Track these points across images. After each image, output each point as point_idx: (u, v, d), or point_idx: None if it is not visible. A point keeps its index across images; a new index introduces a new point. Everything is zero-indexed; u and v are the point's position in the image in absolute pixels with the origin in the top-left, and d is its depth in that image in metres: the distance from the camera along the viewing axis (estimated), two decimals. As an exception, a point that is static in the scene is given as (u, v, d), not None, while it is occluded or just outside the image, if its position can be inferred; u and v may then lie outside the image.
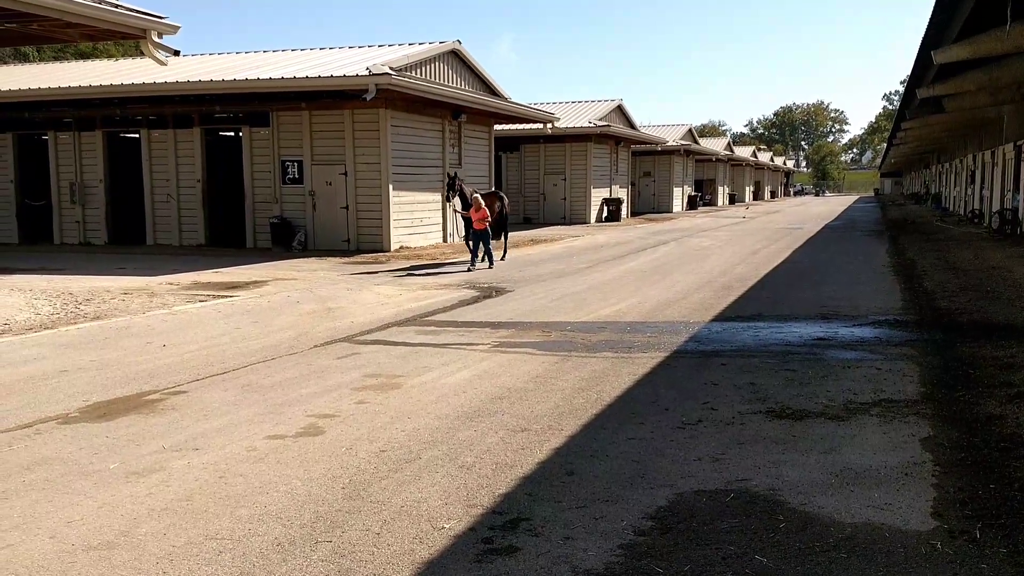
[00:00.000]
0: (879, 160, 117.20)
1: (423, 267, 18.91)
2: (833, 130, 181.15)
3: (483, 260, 18.98)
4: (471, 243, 19.02)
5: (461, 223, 20.80)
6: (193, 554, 4.29)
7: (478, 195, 18.83)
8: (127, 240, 25.03)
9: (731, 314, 12.00)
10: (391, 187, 22.61)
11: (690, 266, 19.11)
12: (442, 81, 25.20)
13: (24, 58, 46.79)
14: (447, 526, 4.63)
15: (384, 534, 4.53)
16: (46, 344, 10.05)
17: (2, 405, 7.20)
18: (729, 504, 4.94)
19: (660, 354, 9.20)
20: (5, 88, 24.26)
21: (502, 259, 20.22)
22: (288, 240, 23.03)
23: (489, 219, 18.73)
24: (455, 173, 19.64)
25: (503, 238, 21.00)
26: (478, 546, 4.38)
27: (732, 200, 76.29)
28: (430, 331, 10.80)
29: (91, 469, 5.58)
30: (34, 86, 24.31)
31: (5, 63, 41.35)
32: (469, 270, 18.15)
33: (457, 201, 19.74)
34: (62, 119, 24.87)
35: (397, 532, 4.56)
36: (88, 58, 37.03)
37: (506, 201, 21.24)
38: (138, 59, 27.78)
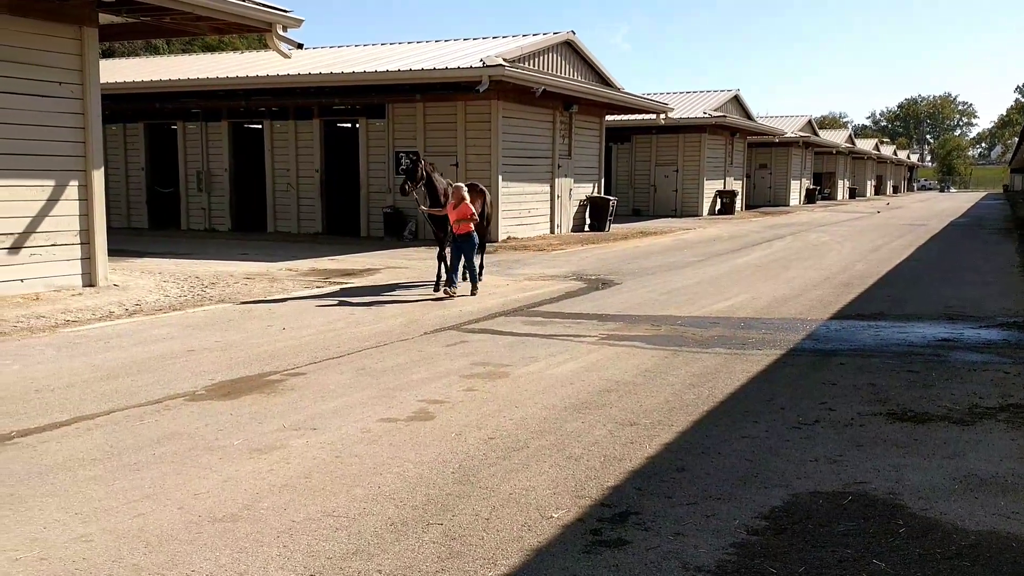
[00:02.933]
0: (1009, 155, 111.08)
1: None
2: (960, 123, 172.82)
3: (464, 281, 13.45)
4: (449, 255, 13.31)
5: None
6: (312, 530, 4.44)
7: (462, 185, 13.53)
8: (249, 227, 25.99)
9: (850, 312, 11.60)
10: (500, 178, 22.75)
11: (807, 262, 18.56)
12: (555, 72, 25.19)
13: (155, 51, 49.11)
14: (555, 516, 4.64)
15: (493, 520, 4.58)
16: (175, 324, 10.55)
17: (135, 381, 7.61)
18: (846, 507, 4.79)
19: (775, 352, 8.98)
20: (137, 79, 25.51)
21: (473, 291, 13.23)
22: (400, 230, 23.48)
23: (475, 218, 13.21)
24: (416, 156, 14.14)
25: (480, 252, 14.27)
26: (587, 537, 4.38)
27: (852, 194, 73.70)
28: (537, 321, 10.83)
29: (216, 445, 5.84)
30: (164, 78, 25.48)
31: (137, 55, 43.49)
32: (445, 293, 12.92)
33: (423, 196, 13.88)
34: (190, 109, 25.97)
35: (506, 519, 4.60)
36: (214, 51, 38.60)
37: (488, 199, 14.76)
38: (262, 52, 28.77)
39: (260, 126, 25.93)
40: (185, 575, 3.93)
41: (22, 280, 12.04)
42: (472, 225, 13.05)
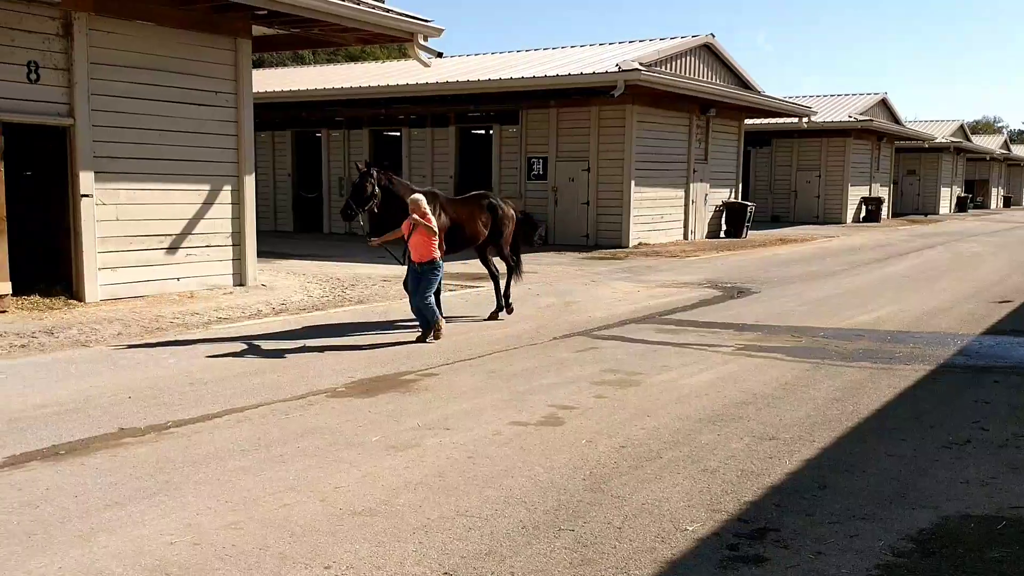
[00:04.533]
0: None
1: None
2: None
3: (423, 331, 9.88)
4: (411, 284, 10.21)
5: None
6: (446, 528, 4.52)
7: (418, 196, 10.12)
8: (385, 231, 26.70)
9: (1005, 327, 10.91)
10: (633, 183, 22.59)
11: (958, 273, 17.57)
12: (692, 75, 24.81)
13: (301, 61, 51.12)
14: (690, 528, 4.55)
15: (626, 529, 4.54)
16: (320, 323, 10.96)
17: (280, 377, 7.95)
18: (1000, 532, 4.50)
19: (924, 367, 8.53)
20: (286, 89, 26.68)
21: (504, 311, 11.54)
22: (529, 234, 23.59)
23: (434, 238, 9.95)
24: (367, 166, 10.68)
25: (509, 272, 11.91)
26: (723, 552, 4.28)
27: (1007, 203, 69.35)
28: (669, 329, 10.68)
29: (355, 440, 6.03)
30: (310, 87, 26.55)
31: (284, 66, 45.46)
32: (423, 339, 9.87)
33: (373, 218, 11.04)
34: (334, 118, 26.97)
35: (638, 529, 4.55)
36: (356, 61, 39.92)
37: (507, 213, 11.80)
38: (401, 61, 29.56)
39: (398, 133, 26.67)
40: (326, 566, 4.07)
41: (178, 279, 12.79)
42: (435, 252, 9.91)
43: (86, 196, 11.59)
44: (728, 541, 4.40)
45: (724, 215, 27.33)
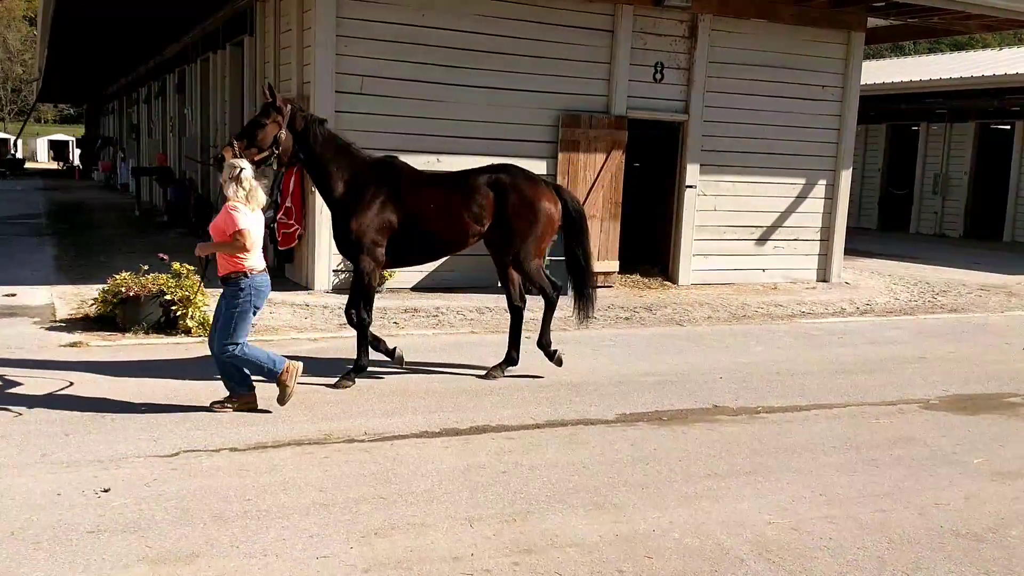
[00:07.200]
0: None
1: None
2: None
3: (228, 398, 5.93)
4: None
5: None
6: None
7: (240, 163, 5.85)
8: (982, 234, 24.20)
9: None
10: None
11: None
12: None
13: (900, 51, 48.52)
14: None
15: None
16: (904, 328, 10.43)
17: (867, 380, 7.73)
18: None
19: None
20: (881, 81, 25.56)
21: (504, 367, 7.21)
22: None
23: (244, 244, 5.70)
24: (271, 92, 6.44)
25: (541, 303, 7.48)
26: None
27: None
28: None
29: (953, 459, 5.62)
30: (907, 79, 25.08)
31: (881, 57, 43.56)
32: (218, 405, 5.93)
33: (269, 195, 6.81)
34: (934, 110, 25.13)
35: None
36: (962, 49, 36.58)
37: (526, 197, 7.01)
38: (1018, 48, 26.40)
39: (1008, 127, 23.84)
40: (930, 583, 3.90)
41: (763, 270, 13.15)
42: (240, 258, 5.77)
43: (690, 187, 12.50)
44: None
45: None
